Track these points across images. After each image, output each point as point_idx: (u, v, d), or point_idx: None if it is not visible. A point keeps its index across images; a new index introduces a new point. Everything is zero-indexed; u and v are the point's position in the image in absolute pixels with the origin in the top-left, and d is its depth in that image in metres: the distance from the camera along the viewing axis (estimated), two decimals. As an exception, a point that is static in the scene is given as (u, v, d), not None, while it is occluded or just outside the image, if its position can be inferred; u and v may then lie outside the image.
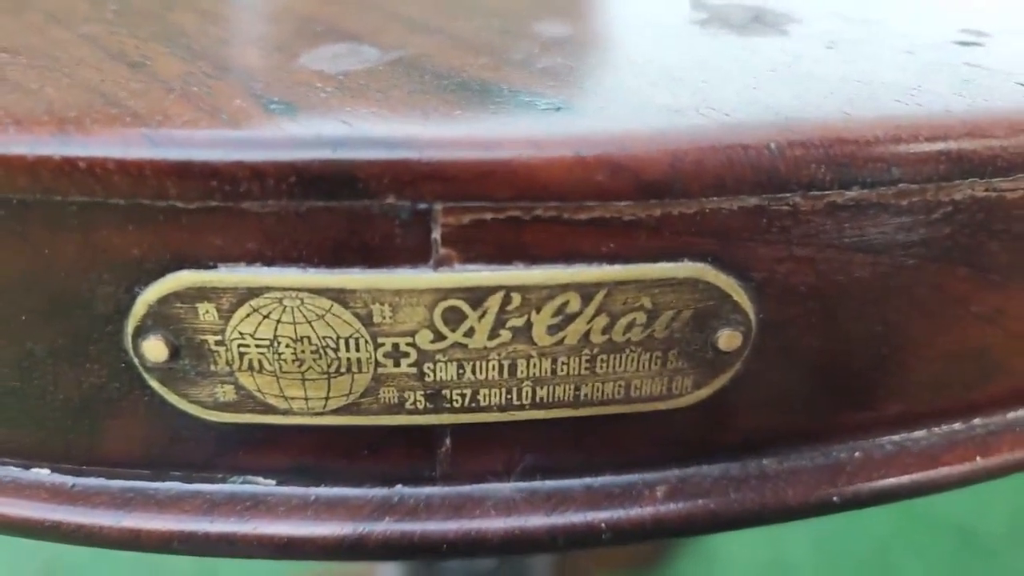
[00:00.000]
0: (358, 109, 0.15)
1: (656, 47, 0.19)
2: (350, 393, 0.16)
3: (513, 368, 0.16)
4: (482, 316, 0.15)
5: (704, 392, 0.17)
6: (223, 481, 0.17)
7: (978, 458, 0.19)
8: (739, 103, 0.15)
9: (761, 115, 0.15)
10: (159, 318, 0.15)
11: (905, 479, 0.18)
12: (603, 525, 0.17)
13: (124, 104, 0.15)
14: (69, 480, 0.17)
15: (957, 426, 0.19)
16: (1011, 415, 0.19)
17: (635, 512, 0.17)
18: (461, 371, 0.16)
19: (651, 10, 0.21)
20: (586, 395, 0.16)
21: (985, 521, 0.71)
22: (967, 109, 0.15)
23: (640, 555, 0.69)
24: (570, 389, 0.16)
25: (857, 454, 0.18)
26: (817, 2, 0.22)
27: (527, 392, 0.16)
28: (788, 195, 0.15)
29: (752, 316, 0.16)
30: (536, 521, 0.17)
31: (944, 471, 0.18)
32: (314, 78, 0.16)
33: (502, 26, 0.19)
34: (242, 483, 0.17)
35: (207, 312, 0.15)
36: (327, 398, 0.16)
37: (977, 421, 0.19)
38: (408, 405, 0.16)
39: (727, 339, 0.16)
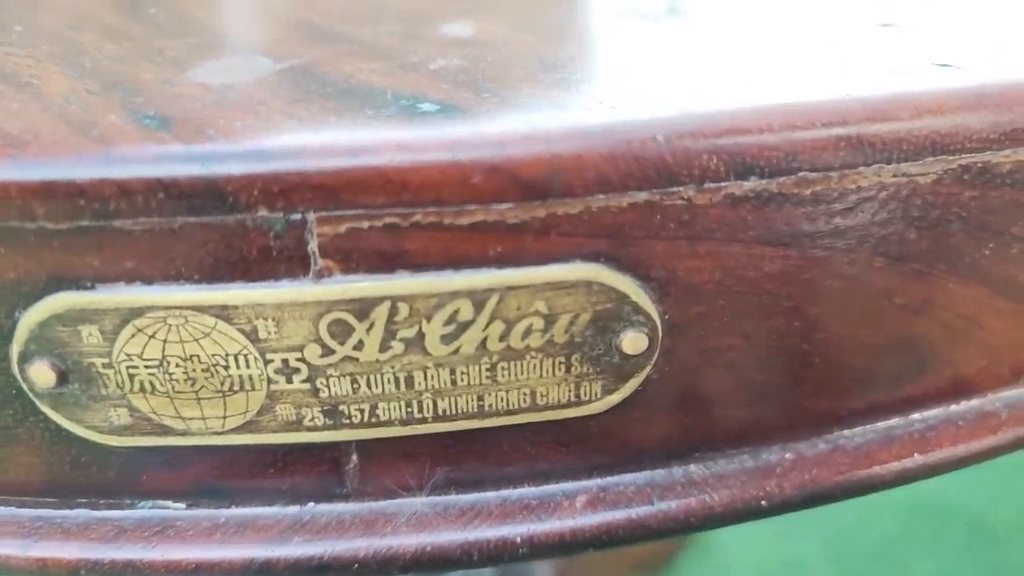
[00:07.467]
0: (233, 122, 0.14)
1: (562, 44, 0.18)
2: (247, 411, 0.15)
3: (410, 380, 0.15)
4: (370, 328, 0.14)
5: (616, 397, 0.16)
6: (132, 507, 0.17)
7: (916, 455, 0.18)
8: (631, 97, 0.15)
9: (651, 107, 0.14)
10: (43, 342, 0.15)
11: (839, 479, 0.17)
12: (518, 539, 0.16)
13: (-2, 126, 0.14)
14: (-23, 511, 0.17)
15: (894, 422, 0.18)
16: (953, 408, 0.18)
17: (552, 525, 0.16)
18: (356, 385, 0.15)
19: (574, 7, 0.21)
20: (490, 405, 0.16)
21: (995, 512, 0.69)
22: (868, 92, 0.15)
23: (646, 557, 0.69)
24: (473, 400, 0.16)
25: (788, 455, 0.17)
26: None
27: (428, 404, 0.15)
28: (680, 188, 0.14)
29: (656, 317, 0.15)
30: (449, 536, 0.16)
31: (878, 469, 0.17)
32: (197, 91, 0.16)
33: (407, 30, 0.19)
34: (152, 508, 0.17)
35: (90, 334, 0.15)
36: (225, 417, 0.16)
37: (916, 416, 0.18)
38: (307, 422, 0.16)
39: (631, 342, 0.15)
